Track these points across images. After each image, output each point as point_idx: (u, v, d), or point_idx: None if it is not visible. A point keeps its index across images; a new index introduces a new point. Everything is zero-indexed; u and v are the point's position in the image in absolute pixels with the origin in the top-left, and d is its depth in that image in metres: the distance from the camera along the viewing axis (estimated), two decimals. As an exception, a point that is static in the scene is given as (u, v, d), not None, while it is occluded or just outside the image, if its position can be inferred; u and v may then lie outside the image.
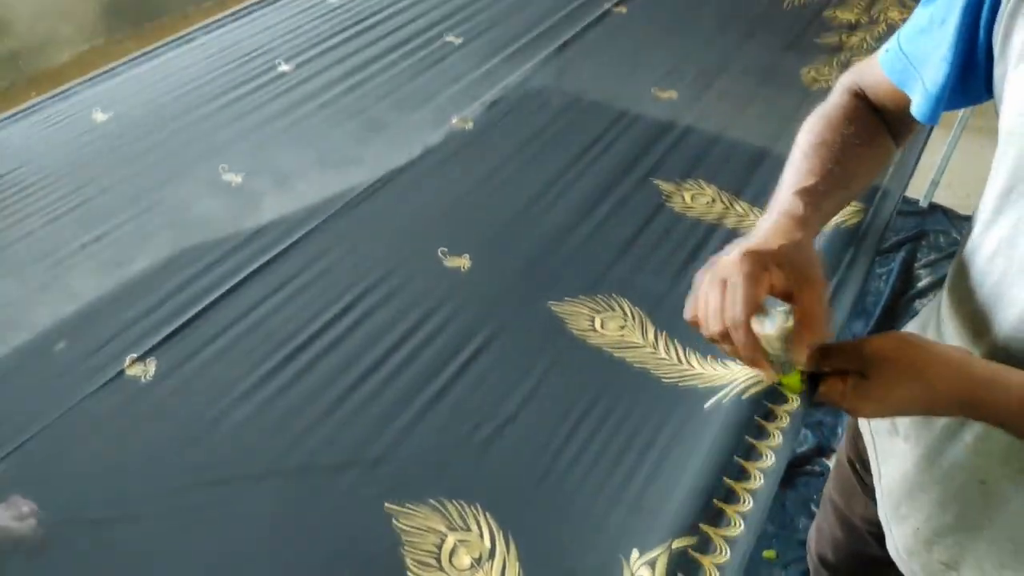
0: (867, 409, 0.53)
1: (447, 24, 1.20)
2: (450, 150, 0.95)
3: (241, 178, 0.90)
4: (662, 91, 1.05)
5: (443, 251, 0.80)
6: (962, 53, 0.55)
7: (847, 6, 1.28)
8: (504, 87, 1.05)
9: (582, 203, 0.87)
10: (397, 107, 1.02)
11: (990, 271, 0.55)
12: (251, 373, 0.68)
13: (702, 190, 0.88)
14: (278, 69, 1.09)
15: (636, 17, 1.23)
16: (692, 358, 0.68)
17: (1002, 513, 0.59)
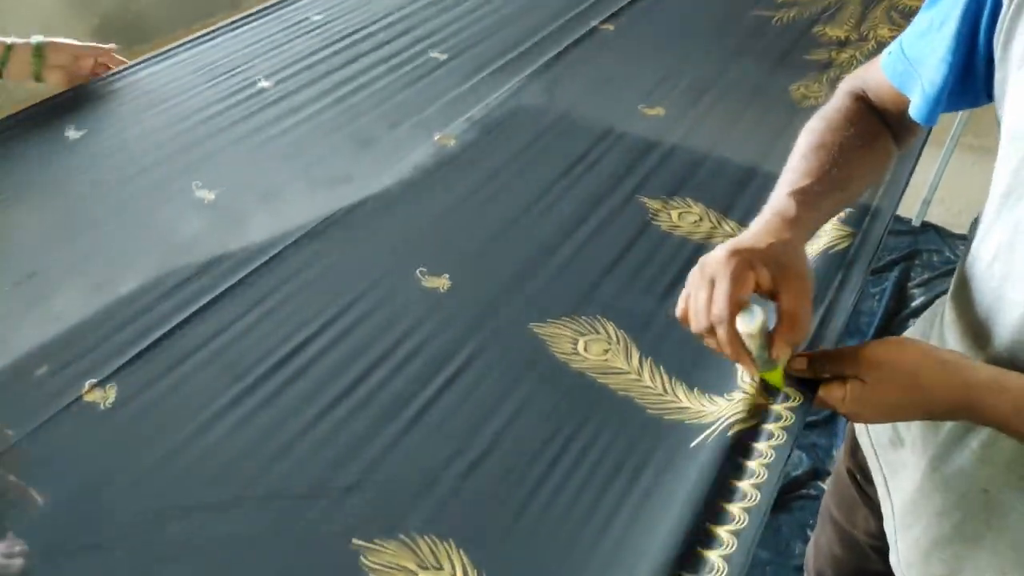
0: (866, 414, 0.53)
1: (432, 40, 1.18)
2: (432, 167, 0.93)
3: (215, 195, 0.87)
4: (649, 108, 1.03)
5: (422, 271, 0.77)
6: (962, 56, 0.55)
7: (837, 23, 1.26)
8: (488, 104, 1.03)
9: (566, 222, 0.84)
10: (378, 124, 1.00)
11: (990, 276, 0.55)
12: (217, 398, 0.65)
13: (689, 208, 0.86)
14: (258, 86, 1.07)
15: (623, 34, 1.22)
16: (678, 389, 0.65)
17: (1004, 521, 0.58)
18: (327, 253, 0.80)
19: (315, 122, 1.00)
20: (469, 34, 1.20)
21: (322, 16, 1.25)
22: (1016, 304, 0.52)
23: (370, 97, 1.05)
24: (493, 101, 1.04)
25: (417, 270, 0.77)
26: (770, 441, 0.57)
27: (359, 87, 1.07)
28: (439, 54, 1.15)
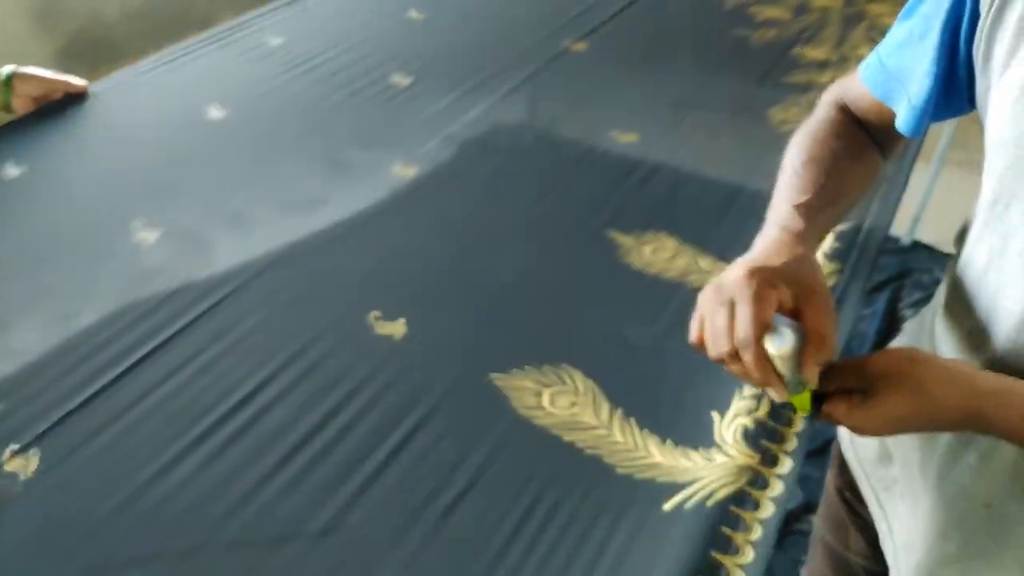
0: (871, 426, 0.52)
1: (394, 64, 1.13)
2: (389, 200, 0.87)
3: (155, 236, 0.81)
4: (622, 134, 0.98)
5: (376, 315, 0.71)
6: (944, 67, 0.55)
7: (816, 43, 1.22)
8: (451, 132, 0.98)
9: (531, 260, 0.78)
10: (333, 153, 0.94)
11: (985, 285, 0.55)
12: (159, 455, 0.59)
13: (662, 243, 0.80)
14: (209, 115, 1.01)
15: (596, 55, 1.17)
16: (650, 443, 0.59)
17: (1010, 536, 0.58)
18: (273, 297, 0.73)
19: (263, 154, 0.94)
20: (433, 58, 1.14)
21: (281, 40, 1.20)
22: (1011, 312, 0.52)
23: (326, 126, 0.99)
24: (455, 129, 0.98)
25: (371, 314, 0.71)
26: (756, 512, 0.51)
27: (315, 115, 1.01)
28: (402, 78, 1.09)
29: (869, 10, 1.34)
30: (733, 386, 0.62)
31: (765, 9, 1.33)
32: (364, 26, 1.24)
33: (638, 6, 1.31)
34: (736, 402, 0.60)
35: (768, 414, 0.58)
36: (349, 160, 0.93)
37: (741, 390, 0.61)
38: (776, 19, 1.30)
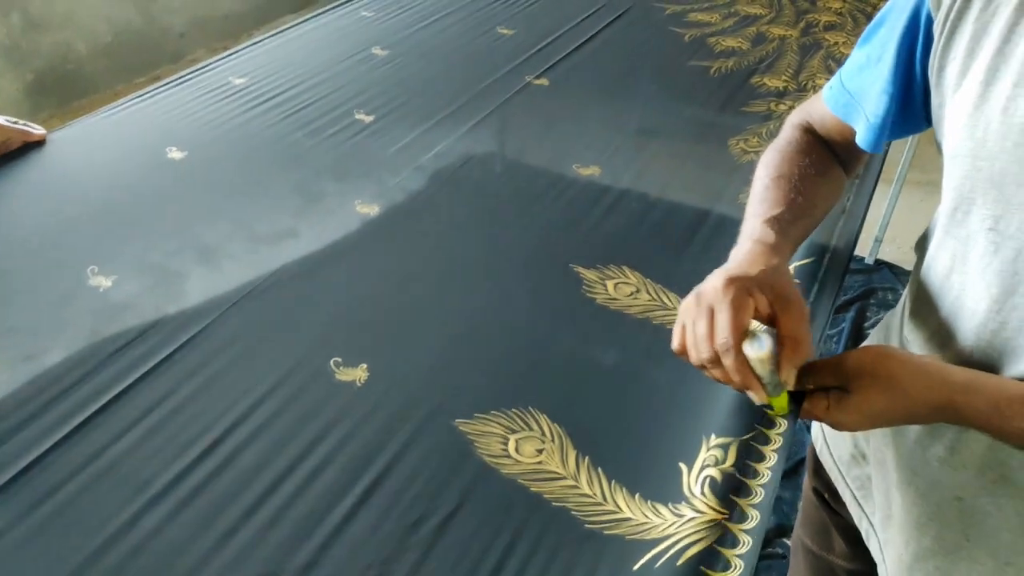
0: (850, 421, 0.54)
1: (358, 100, 1.13)
2: (351, 239, 0.86)
3: (111, 282, 0.79)
4: (584, 168, 0.98)
5: (336, 361, 0.70)
6: (900, 87, 0.59)
7: (775, 72, 1.24)
8: (413, 169, 0.97)
9: (495, 298, 0.78)
10: (294, 192, 0.93)
11: (949, 288, 0.58)
12: (133, 500, 0.58)
13: (626, 278, 0.80)
14: (168, 156, 1.00)
15: (558, 89, 1.18)
16: (619, 496, 0.58)
17: (980, 530, 0.60)
18: (229, 347, 0.72)
19: (224, 194, 0.93)
20: (396, 94, 1.14)
21: (244, 80, 1.19)
22: (974, 312, 0.55)
23: (288, 164, 0.98)
24: (418, 166, 0.98)
25: (331, 361, 0.70)
26: (727, 573, 0.51)
27: (277, 153, 1.01)
28: (365, 115, 1.09)
29: (826, 38, 1.37)
30: (700, 435, 0.62)
31: (724, 39, 1.35)
32: (329, 64, 1.23)
33: (597, 41, 1.33)
34: (703, 453, 0.60)
35: (734, 465, 0.58)
36: (308, 200, 0.92)
37: (708, 439, 0.61)
38: (735, 48, 1.32)
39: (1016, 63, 0.50)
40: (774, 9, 1.49)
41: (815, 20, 1.45)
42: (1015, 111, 0.49)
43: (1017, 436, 0.51)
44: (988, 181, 0.52)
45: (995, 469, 0.57)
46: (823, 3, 1.53)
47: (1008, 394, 0.51)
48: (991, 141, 0.51)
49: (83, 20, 2.95)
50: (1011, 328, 0.53)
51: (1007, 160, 0.50)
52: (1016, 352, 0.53)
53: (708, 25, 1.41)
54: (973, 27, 0.52)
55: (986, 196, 0.52)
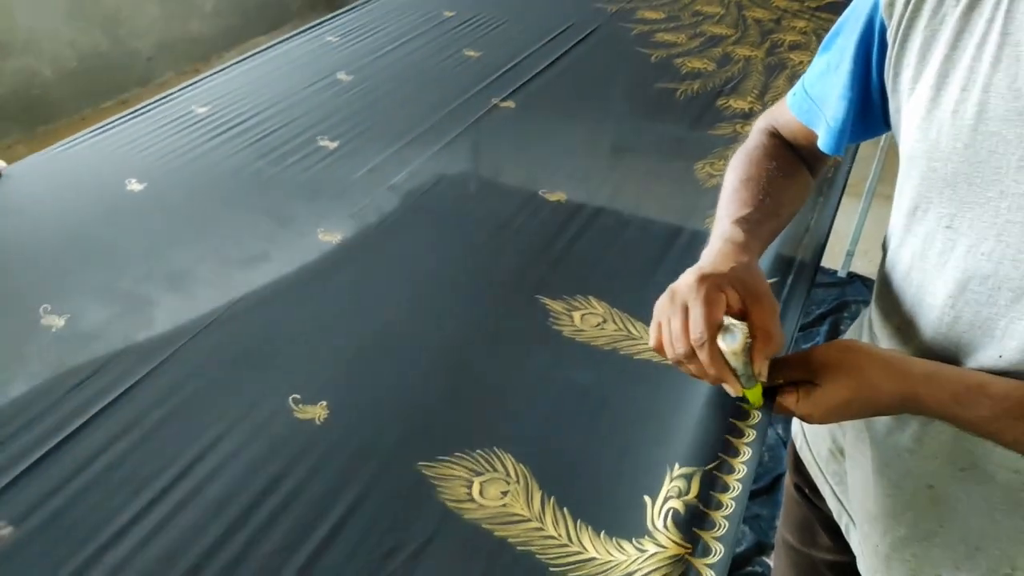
0: (819, 414, 0.56)
1: (324, 125, 1.11)
2: (313, 268, 0.84)
3: (64, 321, 0.77)
4: (550, 194, 0.97)
5: (295, 399, 0.68)
6: (859, 91, 0.62)
7: (740, 94, 1.25)
8: (377, 196, 0.96)
9: (459, 332, 0.76)
10: (255, 223, 0.91)
11: (909, 283, 0.60)
12: (100, 530, 0.56)
13: (592, 308, 0.79)
14: (127, 188, 0.97)
15: (524, 112, 1.17)
16: (584, 535, 0.57)
17: (952, 516, 0.62)
18: (183, 383, 0.70)
19: (183, 225, 0.91)
20: (360, 119, 1.13)
21: (207, 108, 1.17)
22: (933, 307, 0.58)
23: (251, 192, 0.97)
24: (382, 192, 0.97)
25: (290, 398, 0.68)
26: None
27: (240, 182, 0.99)
28: (328, 142, 1.08)
29: (790, 58, 1.38)
30: (665, 465, 0.61)
31: (690, 60, 1.36)
32: (292, 91, 1.22)
33: (563, 62, 1.33)
34: (667, 484, 0.59)
35: (697, 496, 0.57)
36: (277, 225, 0.90)
37: (671, 471, 0.60)
38: (701, 70, 1.33)
39: (963, 68, 0.53)
40: (739, 29, 1.50)
41: (780, 40, 1.46)
42: (963, 113, 0.52)
43: (975, 424, 0.54)
44: (943, 181, 0.54)
45: (963, 457, 0.59)
46: (788, 23, 1.54)
47: (966, 383, 0.53)
48: (944, 143, 0.53)
49: (47, 45, 2.91)
50: (965, 322, 0.55)
51: (959, 161, 0.53)
52: (971, 344, 0.55)
53: (674, 46, 1.41)
54: (923, 34, 0.55)
55: (941, 195, 0.55)
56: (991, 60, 0.51)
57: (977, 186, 0.52)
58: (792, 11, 1.60)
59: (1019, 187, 0.50)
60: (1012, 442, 0.53)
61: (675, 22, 1.52)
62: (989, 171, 0.52)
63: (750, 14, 1.58)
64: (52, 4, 2.87)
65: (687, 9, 1.60)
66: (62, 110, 3.04)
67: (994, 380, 0.53)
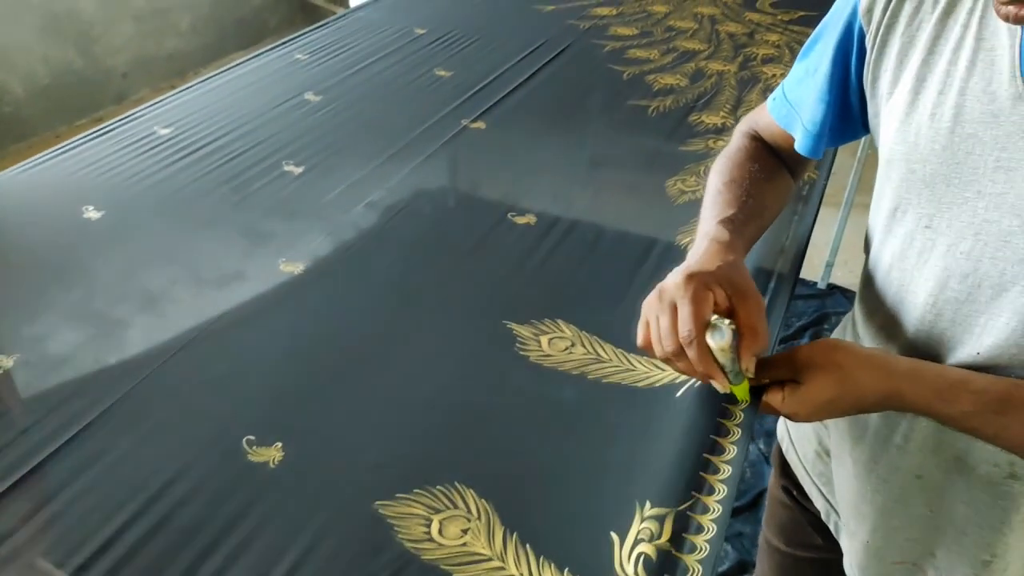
0: (804, 411, 0.57)
1: (287, 151, 1.09)
2: (272, 299, 0.82)
3: (12, 361, 0.74)
4: (519, 217, 0.96)
5: (249, 440, 0.66)
6: (837, 95, 0.64)
7: (713, 109, 1.24)
8: (341, 223, 0.94)
9: (422, 363, 0.74)
10: (212, 253, 0.88)
11: (890, 283, 0.62)
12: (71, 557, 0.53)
13: (561, 332, 0.77)
14: (84, 215, 0.95)
15: (494, 133, 1.15)
16: (546, 574, 0.55)
17: (940, 502, 0.64)
18: (132, 425, 0.67)
19: (140, 255, 0.88)
20: (325, 144, 1.11)
21: (170, 129, 1.15)
22: (915, 306, 0.59)
23: (212, 220, 0.94)
24: (345, 221, 0.95)
25: (244, 439, 0.65)
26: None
27: (200, 209, 0.96)
28: (293, 166, 1.05)
29: (763, 71, 1.38)
30: (634, 501, 0.59)
31: (663, 77, 1.35)
32: (259, 111, 1.20)
33: (535, 81, 1.31)
34: (636, 524, 0.57)
35: (670, 540, 0.55)
36: (236, 256, 0.88)
37: (642, 510, 0.58)
38: (674, 86, 1.32)
39: (940, 72, 0.54)
40: (712, 44, 1.50)
41: (753, 54, 1.45)
42: (941, 116, 0.54)
43: (957, 420, 0.54)
44: (921, 182, 0.56)
45: (947, 451, 0.61)
46: (761, 36, 1.54)
47: (948, 380, 0.54)
48: (922, 145, 0.55)
49: (19, 61, 2.87)
50: (946, 319, 0.57)
51: (936, 162, 0.54)
52: (953, 341, 0.57)
53: (647, 62, 1.41)
54: (901, 40, 0.57)
55: (920, 196, 0.56)
56: (967, 64, 0.52)
57: (955, 186, 0.54)
58: (765, 24, 1.60)
59: (995, 187, 0.52)
60: (992, 436, 0.54)
61: (648, 38, 1.52)
62: (966, 172, 0.53)
63: (723, 28, 1.58)
64: (25, 19, 2.84)
65: (660, 24, 1.59)
66: (35, 128, 3.00)
67: (974, 376, 0.54)
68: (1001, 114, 0.51)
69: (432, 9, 1.64)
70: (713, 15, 1.65)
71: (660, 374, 0.71)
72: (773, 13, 1.67)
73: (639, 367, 0.72)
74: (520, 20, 1.59)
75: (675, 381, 0.69)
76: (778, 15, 1.66)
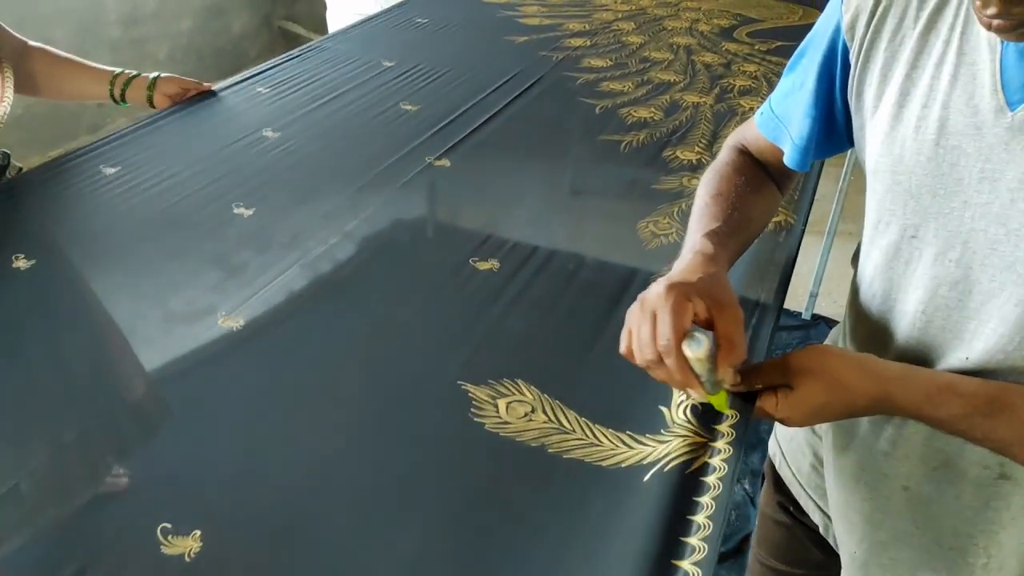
0: (796, 416, 0.58)
1: (238, 193, 1.03)
2: (204, 358, 0.75)
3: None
4: (482, 262, 0.90)
5: (164, 528, 0.59)
6: (822, 110, 0.65)
7: (688, 144, 1.19)
8: (289, 273, 0.87)
9: (364, 435, 0.67)
10: (145, 312, 0.81)
11: (879, 291, 0.63)
12: None
13: (521, 395, 0.71)
14: (12, 265, 0.88)
15: (459, 171, 1.10)
16: None
17: (926, 517, 0.64)
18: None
19: (68, 310, 0.81)
20: (278, 185, 1.05)
21: (117, 168, 1.09)
22: (905, 313, 0.60)
23: (148, 267, 0.88)
24: (293, 273, 0.88)
25: (158, 528, 0.59)
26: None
27: (138, 256, 0.90)
28: (244, 209, 0.99)
29: (740, 104, 1.34)
30: None
31: (636, 110, 1.31)
32: (213, 150, 1.14)
33: (503, 116, 1.26)
34: None
35: None
36: (171, 309, 0.81)
37: None
38: (648, 119, 1.28)
39: (923, 86, 0.55)
40: (688, 75, 1.46)
41: (730, 85, 1.42)
42: (925, 129, 0.55)
43: (947, 423, 0.56)
44: (907, 193, 0.57)
45: (935, 457, 0.62)
46: (738, 67, 1.50)
47: (937, 383, 0.55)
48: (907, 157, 0.56)
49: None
50: (936, 326, 0.58)
51: (921, 173, 0.56)
52: (943, 347, 0.58)
53: (621, 95, 1.36)
54: (884, 55, 0.58)
55: (906, 207, 0.58)
56: (949, 78, 0.54)
57: (940, 197, 0.55)
58: (743, 55, 1.57)
59: (980, 197, 0.53)
60: (982, 439, 0.55)
61: (622, 69, 1.48)
62: (951, 183, 0.54)
63: (699, 59, 1.55)
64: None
65: (635, 55, 1.55)
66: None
67: (963, 379, 0.55)
68: (984, 126, 0.52)
69: (403, 41, 1.59)
70: (689, 45, 1.62)
71: (627, 452, 0.64)
72: (751, 43, 1.64)
73: (604, 442, 0.65)
74: (492, 52, 1.54)
75: (642, 462, 0.63)
76: (756, 45, 1.63)
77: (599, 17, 1.79)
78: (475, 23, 1.71)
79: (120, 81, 1.22)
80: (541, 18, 1.76)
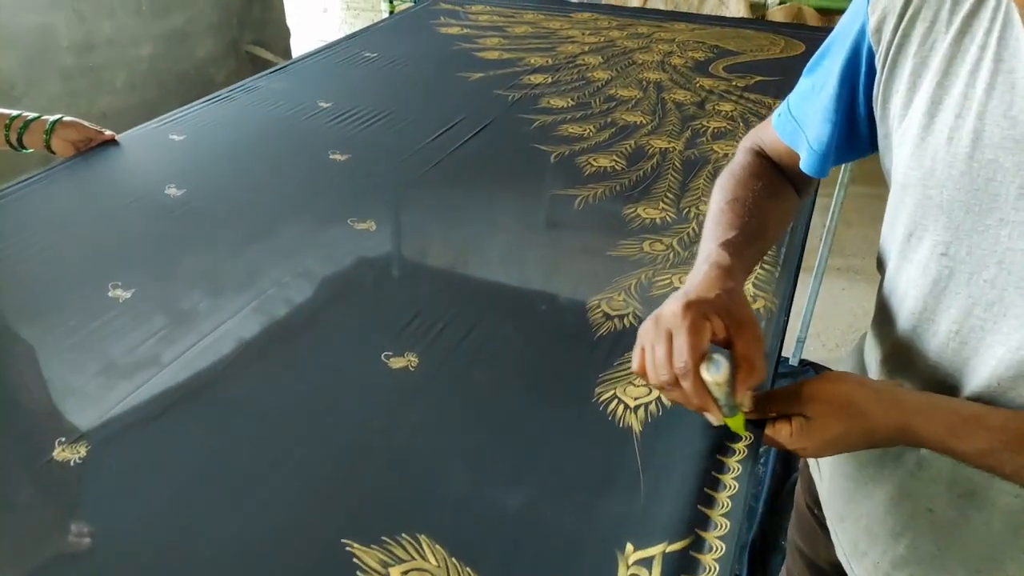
0: (812, 447, 0.56)
1: (116, 269, 0.87)
2: (117, 429, 0.60)
3: None
4: (396, 359, 0.74)
5: None
6: (844, 115, 0.62)
7: (652, 199, 1.05)
8: (172, 368, 0.72)
9: (305, 498, 0.52)
10: (72, 370, 0.66)
11: (908, 309, 0.59)
12: None
13: (421, 560, 0.55)
14: None
15: (385, 238, 0.95)
16: None
17: (951, 540, 0.61)
18: None
19: None
20: (164, 259, 0.89)
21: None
22: (936, 333, 0.57)
23: (49, 332, 0.72)
24: (177, 364, 0.73)
25: None
26: None
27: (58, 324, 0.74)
28: (122, 291, 0.83)
29: (713, 149, 1.21)
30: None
31: (597, 158, 1.16)
32: (98, 213, 0.99)
33: (445, 166, 1.11)
34: None
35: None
36: (66, 392, 0.65)
37: None
38: (608, 169, 1.13)
39: (956, 95, 0.52)
40: (657, 116, 1.32)
41: (702, 128, 1.28)
42: (958, 141, 0.52)
43: (973, 457, 0.53)
44: (938, 208, 0.54)
45: (962, 484, 0.59)
46: (712, 106, 1.37)
47: (962, 415, 0.53)
48: (939, 170, 0.53)
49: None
50: (970, 348, 0.55)
51: (954, 188, 0.52)
52: (975, 370, 0.55)
53: (580, 140, 1.22)
54: (913, 61, 0.55)
55: (936, 223, 0.55)
56: (985, 87, 0.50)
57: (975, 213, 0.52)
58: (718, 92, 1.44)
59: (1019, 215, 0.50)
60: (1011, 474, 0.52)
61: (584, 110, 1.33)
62: (987, 199, 0.51)
63: (670, 96, 1.41)
64: (-65, 81, 2.63)
65: (600, 93, 1.41)
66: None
67: (990, 411, 0.52)
68: (1023, 140, 0.49)
69: (345, 79, 1.45)
70: (660, 81, 1.48)
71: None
72: (727, 78, 1.50)
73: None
74: (441, 91, 1.40)
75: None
76: (733, 80, 1.49)
77: (564, 50, 1.65)
78: (428, 58, 1.57)
79: (16, 125, 1.09)
80: (501, 51, 1.63)
